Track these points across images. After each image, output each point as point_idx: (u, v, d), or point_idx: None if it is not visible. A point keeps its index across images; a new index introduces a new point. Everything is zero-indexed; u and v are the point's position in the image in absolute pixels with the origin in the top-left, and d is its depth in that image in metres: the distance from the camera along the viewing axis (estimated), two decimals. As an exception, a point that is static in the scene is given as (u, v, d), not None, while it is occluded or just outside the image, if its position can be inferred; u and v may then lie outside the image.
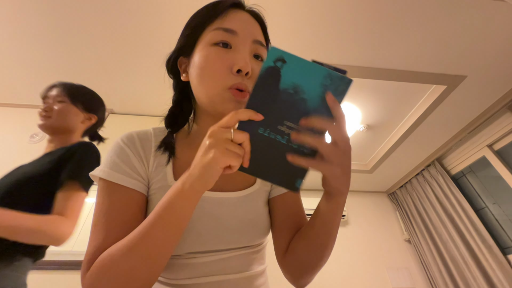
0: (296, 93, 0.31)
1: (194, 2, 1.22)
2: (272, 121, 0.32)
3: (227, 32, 0.43)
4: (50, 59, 1.52)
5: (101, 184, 0.43)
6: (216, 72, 0.41)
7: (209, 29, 0.44)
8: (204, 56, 0.43)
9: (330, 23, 1.31)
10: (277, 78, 0.30)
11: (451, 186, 2.13)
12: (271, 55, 0.29)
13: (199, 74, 0.43)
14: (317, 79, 0.30)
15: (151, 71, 1.58)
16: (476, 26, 1.30)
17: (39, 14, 1.30)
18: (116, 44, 1.44)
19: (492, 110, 1.76)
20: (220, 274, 0.44)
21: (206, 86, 0.43)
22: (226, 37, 0.43)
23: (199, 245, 0.44)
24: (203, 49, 0.44)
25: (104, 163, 0.45)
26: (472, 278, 1.85)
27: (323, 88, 0.30)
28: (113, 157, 0.45)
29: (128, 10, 1.28)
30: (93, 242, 0.38)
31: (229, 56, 0.42)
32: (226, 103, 0.41)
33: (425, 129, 1.94)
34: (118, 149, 0.46)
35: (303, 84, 0.30)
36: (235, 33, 0.43)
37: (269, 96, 0.31)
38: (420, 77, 1.56)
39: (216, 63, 0.42)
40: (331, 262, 2.43)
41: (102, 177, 0.43)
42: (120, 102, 1.83)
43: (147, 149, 0.48)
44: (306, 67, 0.30)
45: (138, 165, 0.45)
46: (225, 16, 0.44)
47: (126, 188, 0.43)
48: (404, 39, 1.37)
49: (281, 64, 0.29)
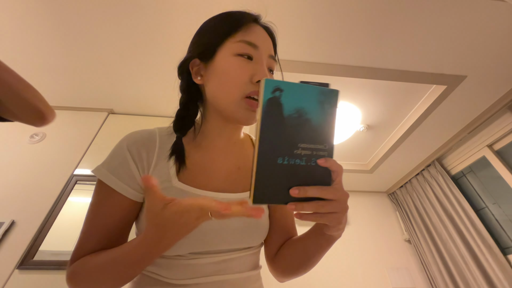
0: (300, 116, 0.32)
1: (195, 3, 1.22)
2: (287, 148, 0.33)
3: (250, 46, 0.47)
4: (50, 59, 1.52)
5: (98, 184, 0.46)
6: (238, 81, 0.45)
7: (232, 40, 0.47)
8: (229, 64, 0.46)
9: (330, 23, 1.31)
10: (279, 107, 0.31)
11: (451, 186, 2.13)
12: (267, 87, 0.30)
13: (222, 79, 0.46)
14: (314, 98, 0.32)
15: (151, 71, 1.58)
16: (476, 26, 1.30)
17: (39, 14, 1.29)
18: (116, 44, 1.44)
19: (492, 110, 1.76)
20: (221, 275, 0.44)
21: (227, 92, 0.46)
22: (249, 50, 0.47)
23: (202, 245, 0.44)
24: (227, 58, 0.47)
25: (104, 164, 0.47)
26: (472, 278, 1.85)
27: (320, 104, 0.32)
28: (113, 158, 0.47)
29: (129, 10, 1.28)
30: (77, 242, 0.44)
31: (250, 67, 0.46)
32: (241, 111, 0.45)
33: (425, 129, 1.94)
34: (119, 151, 0.48)
35: (304, 105, 0.32)
36: (257, 47, 0.47)
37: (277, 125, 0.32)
38: (420, 77, 1.56)
39: (239, 73, 0.45)
40: (331, 262, 2.43)
41: (100, 178, 0.45)
42: (120, 102, 1.83)
43: (151, 149, 0.48)
44: (301, 90, 0.32)
45: (135, 168, 0.46)
46: (247, 29, 0.48)
47: (119, 194, 0.44)
48: (404, 39, 1.37)
49: (279, 93, 0.31)
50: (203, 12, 1.26)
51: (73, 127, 1.75)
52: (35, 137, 1.64)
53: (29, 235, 1.25)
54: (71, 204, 1.40)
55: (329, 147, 0.34)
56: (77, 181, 1.47)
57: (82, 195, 1.45)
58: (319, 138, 0.33)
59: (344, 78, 1.58)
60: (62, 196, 1.40)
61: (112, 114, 1.88)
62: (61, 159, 1.56)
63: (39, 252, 1.21)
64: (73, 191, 1.44)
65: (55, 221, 1.31)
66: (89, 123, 1.78)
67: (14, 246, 1.22)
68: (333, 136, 0.34)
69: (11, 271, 1.15)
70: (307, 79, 1.60)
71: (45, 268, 1.18)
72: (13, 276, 1.15)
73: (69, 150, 1.62)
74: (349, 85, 1.66)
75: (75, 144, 1.65)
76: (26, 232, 1.26)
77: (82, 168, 1.55)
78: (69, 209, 1.38)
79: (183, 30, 1.34)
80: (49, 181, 1.46)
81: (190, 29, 0.59)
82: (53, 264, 1.19)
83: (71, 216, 1.36)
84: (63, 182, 1.46)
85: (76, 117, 1.81)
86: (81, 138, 1.69)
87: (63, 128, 1.73)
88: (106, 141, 1.72)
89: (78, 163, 1.56)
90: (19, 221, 1.29)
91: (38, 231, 1.27)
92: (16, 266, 1.17)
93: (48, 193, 1.41)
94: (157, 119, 1.85)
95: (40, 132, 1.68)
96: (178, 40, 1.38)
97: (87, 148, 1.64)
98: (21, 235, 1.25)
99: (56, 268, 1.19)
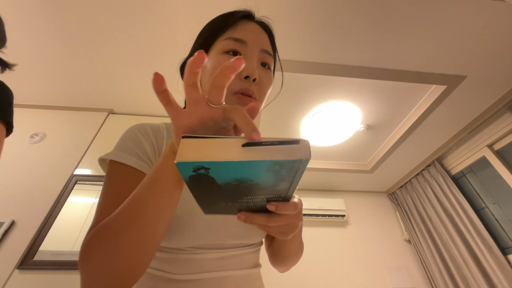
0: (241, 183, 0.26)
1: (195, 3, 1.22)
2: (230, 199, 0.29)
3: (237, 42, 0.47)
4: (50, 59, 1.52)
5: (110, 168, 0.44)
6: None
7: (221, 38, 0.48)
8: (216, 62, 0.46)
9: (330, 23, 1.31)
10: (209, 179, 0.25)
11: (451, 186, 2.13)
12: (183, 171, 0.23)
13: (209, 78, 0.46)
14: (262, 170, 0.24)
15: (151, 71, 1.58)
16: (476, 26, 1.30)
17: (40, 14, 1.30)
18: (116, 44, 1.44)
19: (492, 110, 1.76)
20: (223, 270, 0.45)
21: None
22: (236, 46, 0.46)
23: (207, 237, 0.44)
24: (214, 56, 0.47)
25: (116, 147, 0.46)
26: (472, 278, 1.85)
27: (274, 172, 0.24)
28: (125, 141, 0.47)
29: (129, 10, 1.28)
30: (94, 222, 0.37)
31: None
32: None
33: (425, 129, 1.94)
34: (131, 134, 0.48)
35: (247, 176, 0.25)
36: (245, 43, 0.47)
37: (213, 192, 0.27)
38: (420, 77, 1.56)
39: None
40: (331, 262, 2.43)
41: (113, 158, 0.43)
42: (120, 102, 1.83)
43: (159, 139, 0.49)
44: (241, 165, 0.23)
45: (150, 151, 0.46)
46: (236, 27, 0.49)
47: (137, 171, 0.43)
48: (404, 39, 1.37)
49: (204, 171, 0.23)
50: (202, 12, 1.26)
51: (73, 127, 1.75)
52: (35, 137, 1.64)
53: (29, 235, 1.25)
54: (71, 204, 1.40)
55: (286, 195, 0.30)
56: (77, 181, 1.48)
57: (82, 195, 1.45)
58: (271, 192, 0.28)
59: (344, 78, 1.58)
60: (62, 196, 1.40)
61: (112, 114, 1.89)
62: (61, 159, 1.56)
63: (39, 252, 1.21)
64: (73, 191, 1.44)
65: (55, 221, 1.31)
66: (89, 123, 1.78)
67: (14, 246, 1.22)
68: (293, 188, 0.28)
69: (11, 271, 1.15)
70: (307, 79, 1.60)
71: (45, 268, 1.18)
72: (13, 276, 1.15)
73: (69, 150, 1.62)
74: (349, 85, 1.66)
75: (75, 144, 1.65)
76: (26, 232, 1.26)
77: (82, 168, 1.55)
78: (69, 209, 1.38)
79: (183, 30, 1.34)
80: (49, 181, 1.46)
81: (189, 29, 0.59)
82: (53, 264, 1.19)
83: (71, 216, 1.36)
84: (63, 182, 1.46)
85: (76, 117, 1.81)
86: (81, 138, 1.69)
87: (63, 128, 1.73)
88: (106, 141, 1.72)
89: (78, 163, 1.56)
90: (19, 221, 1.29)
91: (38, 231, 1.27)
92: (16, 266, 1.17)
93: (48, 193, 1.41)
94: (157, 119, 1.85)
95: (40, 132, 1.68)
96: (178, 40, 1.38)
97: (87, 148, 1.64)
98: (21, 235, 1.25)
99: (56, 268, 1.19)
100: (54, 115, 1.80)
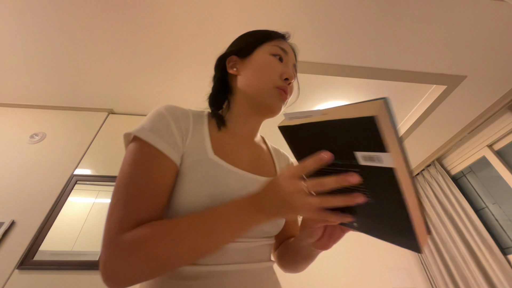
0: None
1: (194, 4, 1.22)
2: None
3: (282, 51, 0.58)
4: (50, 59, 1.52)
5: (136, 146, 0.41)
6: (272, 73, 0.54)
7: (268, 44, 0.58)
8: (265, 59, 0.56)
9: (330, 23, 1.30)
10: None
11: (451, 186, 2.13)
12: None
13: (258, 70, 0.55)
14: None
15: (151, 71, 1.58)
16: (476, 26, 1.30)
17: (40, 14, 1.29)
18: (116, 44, 1.44)
19: (492, 110, 1.76)
20: (245, 263, 0.44)
21: (261, 81, 0.54)
22: (282, 53, 0.57)
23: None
24: (265, 55, 0.56)
25: (143, 125, 0.44)
26: (472, 278, 1.85)
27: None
28: (154, 121, 0.45)
29: (129, 11, 1.28)
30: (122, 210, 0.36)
31: (281, 66, 0.56)
32: (273, 98, 0.54)
33: (425, 129, 1.94)
34: (159, 115, 0.46)
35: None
36: (287, 53, 0.58)
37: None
38: (420, 77, 1.56)
39: (274, 67, 0.55)
40: (331, 262, 2.42)
41: (141, 137, 0.42)
42: (120, 102, 1.83)
43: (186, 121, 0.50)
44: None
45: (177, 134, 0.46)
46: (280, 40, 0.60)
47: (164, 156, 0.41)
48: (404, 39, 1.37)
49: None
50: (202, 13, 1.26)
51: (73, 127, 1.75)
52: (35, 137, 1.64)
53: (29, 235, 1.25)
54: (71, 204, 1.40)
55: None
56: (77, 181, 1.48)
57: (82, 195, 1.45)
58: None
59: (344, 78, 1.58)
60: (62, 196, 1.40)
61: (112, 114, 1.88)
62: (61, 159, 1.56)
63: (39, 252, 1.21)
64: (73, 191, 1.44)
65: (55, 221, 1.31)
66: (89, 123, 1.78)
67: (14, 246, 1.22)
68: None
69: (11, 271, 1.15)
70: (307, 79, 1.60)
71: (45, 268, 1.18)
72: (13, 276, 1.15)
73: (69, 150, 1.62)
74: (349, 85, 1.66)
75: (75, 144, 1.65)
76: (26, 232, 1.26)
77: (82, 168, 1.55)
78: (69, 209, 1.38)
79: (182, 31, 1.34)
80: (49, 181, 1.46)
81: (189, 30, 0.59)
82: (53, 264, 1.19)
83: (71, 216, 1.36)
84: (63, 182, 1.46)
85: (76, 117, 1.81)
86: (81, 138, 1.69)
87: (63, 128, 1.74)
88: (106, 141, 1.72)
89: (78, 163, 1.56)
90: (19, 221, 1.29)
91: (38, 231, 1.27)
92: (16, 266, 1.17)
93: (48, 193, 1.41)
94: (157, 119, 1.85)
95: (40, 132, 1.68)
96: (178, 40, 1.38)
97: (87, 148, 1.64)
98: (21, 235, 1.25)
99: (56, 268, 1.19)
100: (54, 115, 1.80)
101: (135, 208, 0.36)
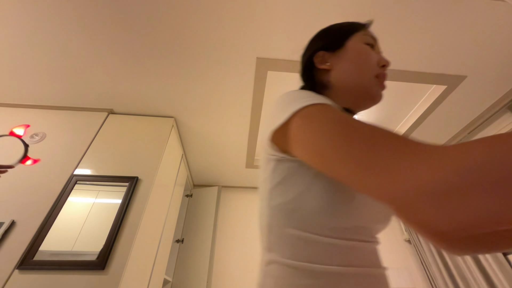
0: None
1: (194, 4, 1.22)
2: None
3: (373, 39, 0.58)
4: (50, 58, 1.52)
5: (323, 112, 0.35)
6: (371, 62, 0.54)
7: (359, 34, 0.57)
8: (361, 48, 0.55)
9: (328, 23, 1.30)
10: None
11: (451, 186, 2.13)
12: None
13: (357, 60, 0.54)
14: None
15: (151, 71, 1.58)
16: (476, 26, 1.30)
17: (39, 13, 1.29)
18: (116, 43, 1.44)
19: (492, 110, 1.76)
20: (371, 267, 0.40)
21: (362, 70, 0.53)
22: (373, 42, 0.57)
23: (365, 220, 0.42)
24: (359, 45, 0.56)
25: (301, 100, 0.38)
26: (472, 278, 1.85)
27: None
28: (302, 95, 0.40)
29: (129, 11, 1.28)
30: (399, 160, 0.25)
31: (375, 53, 0.56)
32: (376, 87, 0.53)
33: (425, 129, 1.94)
34: (302, 92, 0.41)
35: None
36: (376, 41, 0.58)
37: None
38: (420, 77, 1.56)
39: (371, 56, 0.54)
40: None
41: (320, 102, 0.37)
42: (120, 102, 1.83)
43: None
44: None
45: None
46: (366, 30, 0.59)
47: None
48: (404, 39, 1.37)
49: None
50: (201, 12, 1.26)
51: (73, 127, 1.75)
52: (35, 137, 1.64)
53: (29, 235, 1.25)
54: (71, 204, 1.39)
55: None
56: (77, 181, 1.47)
57: (82, 195, 1.45)
58: None
59: (344, 78, 1.58)
60: (62, 196, 1.40)
61: (112, 114, 1.88)
62: (61, 159, 1.56)
63: (39, 252, 1.21)
64: (73, 191, 1.44)
65: (55, 221, 1.31)
66: (89, 123, 1.78)
67: (14, 246, 1.22)
68: None
69: (11, 271, 1.15)
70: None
71: (45, 268, 1.18)
72: (13, 276, 1.15)
73: (69, 150, 1.62)
74: (349, 85, 1.66)
75: (75, 144, 1.65)
76: (26, 232, 1.26)
77: (82, 168, 1.55)
78: (69, 209, 1.38)
79: (182, 31, 1.34)
80: (49, 181, 1.46)
81: (189, 30, 0.59)
82: (53, 264, 1.19)
83: (71, 216, 1.36)
84: (63, 182, 1.46)
85: (76, 117, 1.81)
86: (81, 138, 1.69)
87: (63, 128, 1.73)
88: (106, 141, 1.72)
89: (78, 163, 1.56)
90: (19, 221, 1.29)
91: (38, 231, 1.27)
92: (16, 266, 1.16)
93: (48, 193, 1.41)
94: (157, 119, 1.85)
95: (40, 132, 1.68)
96: (178, 40, 1.38)
97: (87, 148, 1.64)
98: (21, 235, 1.25)
99: (56, 268, 1.19)
100: (54, 115, 1.80)
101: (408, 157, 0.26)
